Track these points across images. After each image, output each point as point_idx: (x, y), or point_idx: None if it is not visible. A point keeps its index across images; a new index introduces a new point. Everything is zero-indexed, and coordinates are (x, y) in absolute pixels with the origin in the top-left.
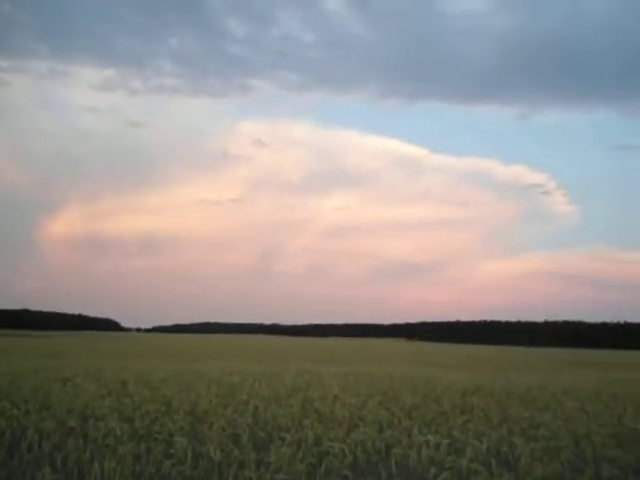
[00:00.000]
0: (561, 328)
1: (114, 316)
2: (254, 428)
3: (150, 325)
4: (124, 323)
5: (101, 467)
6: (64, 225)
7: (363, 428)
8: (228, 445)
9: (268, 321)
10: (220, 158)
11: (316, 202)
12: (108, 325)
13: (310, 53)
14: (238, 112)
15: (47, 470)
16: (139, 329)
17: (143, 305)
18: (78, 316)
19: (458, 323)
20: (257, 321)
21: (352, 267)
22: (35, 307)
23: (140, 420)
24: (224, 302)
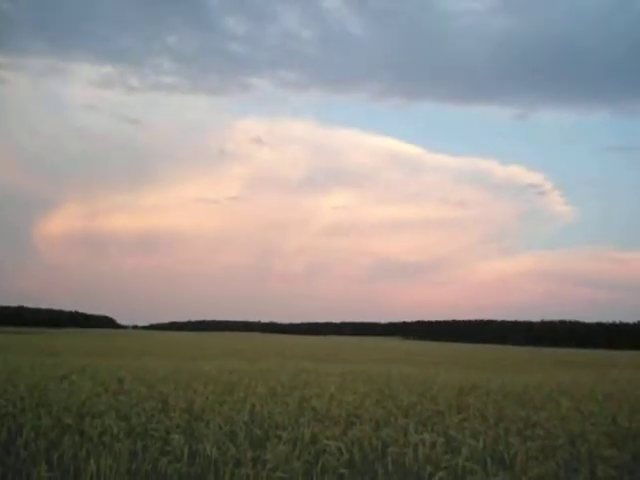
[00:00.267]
0: (557, 328)
1: (110, 313)
2: (251, 426)
3: (147, 323)
4: (120, 320)
5: (97, 464)
6: (61, 222)
7: (359, 426)
8: (225, 443)
9: (265, 319)
10: (218, 156)
11: (314, 201)
12: (104, 322)
13: (309, 51)
14: (237, 110)
15: (43, 467)
16: (135, 326)
17: (140, 302)
18: (75, 313)
19: (454, 322)
20: (254, 319)
21: (349, 266)
22: (32, 304)
23: (136, 417)
24: (221, 300)
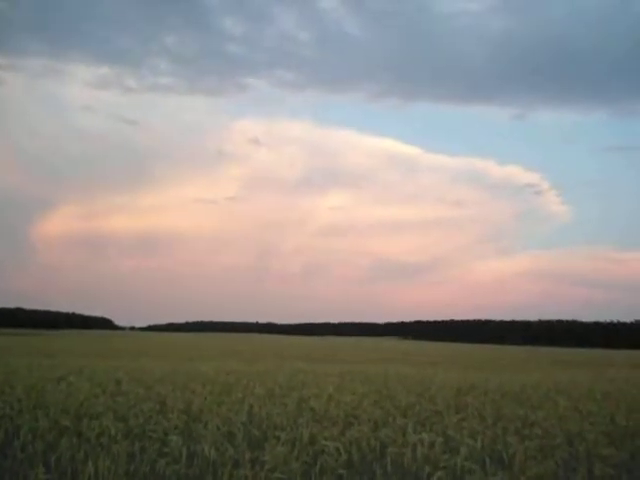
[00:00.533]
0: (554, 327)
1: (108, 315)
2: (249, 427)
3: (144, 324)
4: (118, 322)
5: (95, 466)
6: (59, 223)
7: (358, 427)
8: (223, 444)
9: (263, 320)
10: (216, 157)
11: (312, 201)
12: (102, 324)
13: (306, 52)
14: (234, 111)
15: (41, 470)
16: (133, 328)
17: (137, 304)
18: (72, 315)
19: (452, 322)
20: (252, 320)
21: (347, 266)
22: (29, 305)
23: (134, 419)
24: (219, 301)
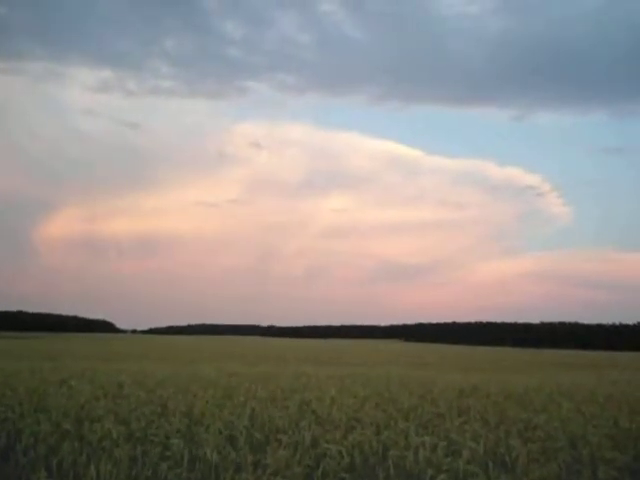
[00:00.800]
0: (557, 329)
1: (110, 318)
2: (251, 430)
3: (146, 327)
4: (120, 325)
5: (97, 470)
6: (60, 226)
7: (360, 430)
8: (225, 447)
9: (265, 323)
10: (217, 160)
11: (313, 203)
12: (104, 327)
13: (307, 55)
14: (235, 114)
15: (43, 473)
16: (134, 331)
17: (139, 306)
18: (74, 318)
19: (454, 324)
20: (254, 322)
21: (349, 268)
22: (31, 309)
23: (136, 422)
24: (221, 304)
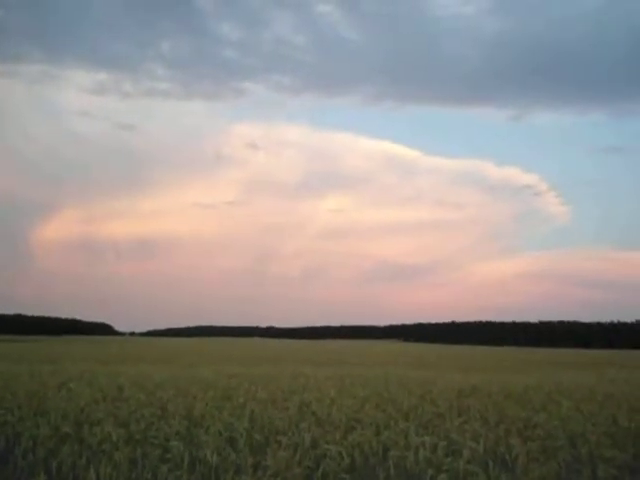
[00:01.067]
0: (555, 328)
1: (108, 320)
2: (251, 432)
3: (144, 329)
4: (118, 327)
5: (97, 473)
6: (58, 229)
7: (360, 430)
8: (225, 449)
9: (264, 324)
10: (214, 161)
11: (310, 204)
12: (102, 329)
13: (302, 56)
14: (231, 115)
15: (42, 477)
16: (133, 333)
17: (137, 309)
18: (72, 321)
19: (453, 324)
20: (253, 324)
21: (347, 269)
22: (29, 312)
23: (136, 425)
24: (219, 305)
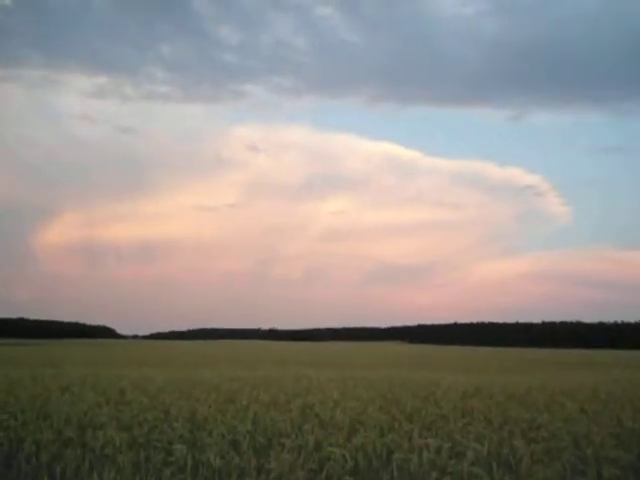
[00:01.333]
0: (558, 329)
1: (110, 324)
2: (254, 434)
3: (147, 332)
4: (120, 330)
5: (100, 477)
6: (59, 232)
7: (363, 432)
8: (228, 452)
9: (266, 326)
10: (215, 164)
11: (311, 206)
12: (104, 333)
13: (303, 58)
14: (232, 118)
15: None
16: (136, 336)
17: (139, 312)
18: (74, 324)
19: (455, 325)
20: (255, 326)
21: (348, 270)
22: (31, 316)
23: (139, 428)
24: (221, 308)
